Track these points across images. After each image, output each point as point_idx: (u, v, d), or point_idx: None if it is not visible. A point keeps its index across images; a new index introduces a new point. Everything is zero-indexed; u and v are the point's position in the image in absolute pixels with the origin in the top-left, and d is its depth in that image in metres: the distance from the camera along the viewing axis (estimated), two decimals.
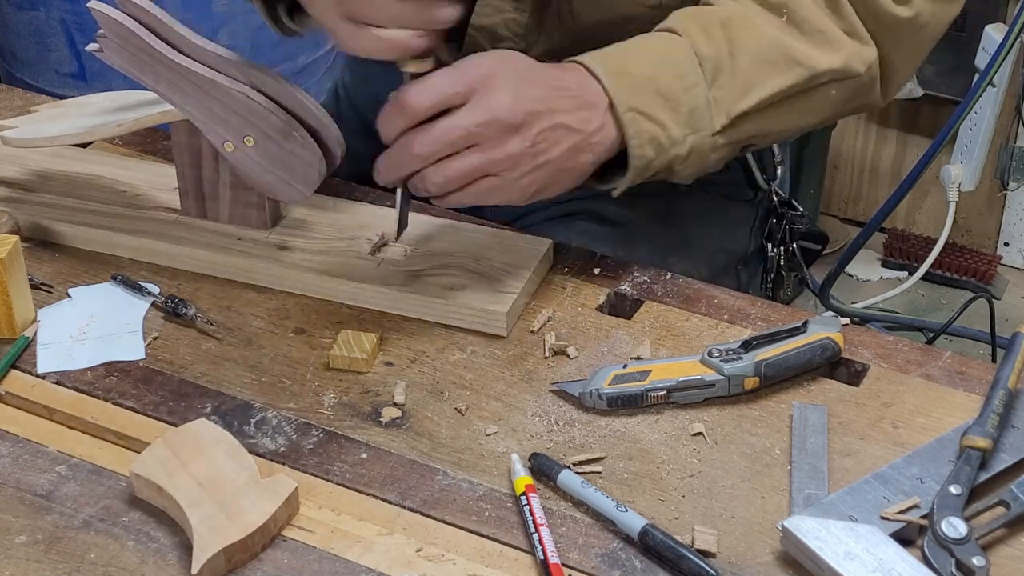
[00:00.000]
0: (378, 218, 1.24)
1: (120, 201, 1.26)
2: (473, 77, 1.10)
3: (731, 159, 1.23)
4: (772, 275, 1.46)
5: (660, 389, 1.05)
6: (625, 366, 1.07)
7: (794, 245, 1.45)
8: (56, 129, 1.24)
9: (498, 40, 1.32)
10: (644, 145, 1.13)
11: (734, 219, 1.37)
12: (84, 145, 1.34)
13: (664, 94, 1.14)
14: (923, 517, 0.94)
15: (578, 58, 1.16)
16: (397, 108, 1.11)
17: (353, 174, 1.30)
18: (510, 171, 1.11)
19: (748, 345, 1.07)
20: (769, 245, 1.45)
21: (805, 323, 1.10)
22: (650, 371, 1.06)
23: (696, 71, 1.15)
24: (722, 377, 1.05)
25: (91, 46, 1.17)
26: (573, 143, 1.12)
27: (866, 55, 1.20)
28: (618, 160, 1.15)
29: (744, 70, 1.16)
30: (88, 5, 1.14)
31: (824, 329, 1.09)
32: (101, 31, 1.15)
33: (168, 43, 1.15)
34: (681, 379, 1.05)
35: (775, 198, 1.44)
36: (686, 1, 1.23)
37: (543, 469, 0.99)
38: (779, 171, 1.43)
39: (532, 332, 1.14)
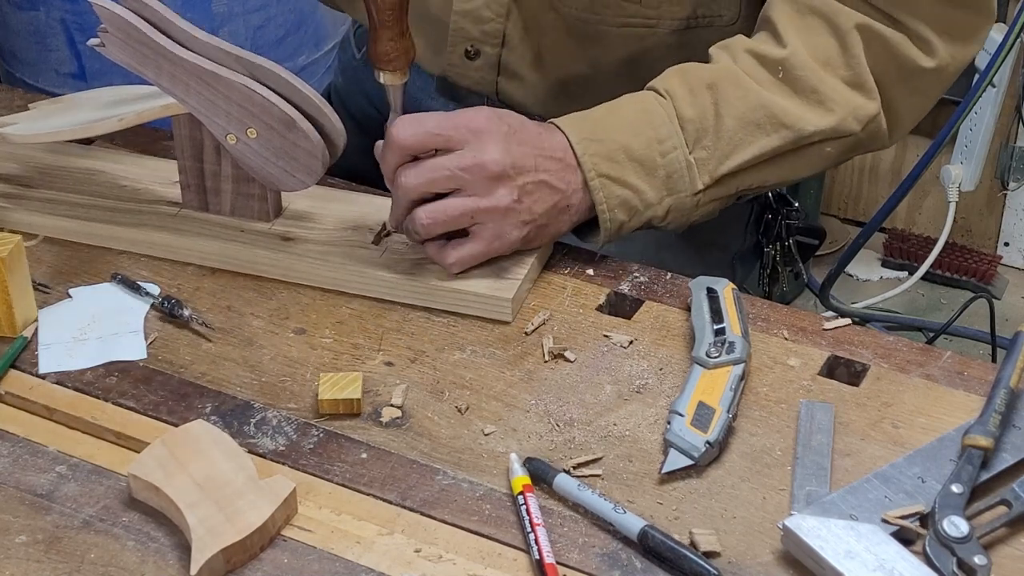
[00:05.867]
0: (378, 208, 1.24)
1: (122, 196, 1.26)
2: (463, 125, 1.13)
3: (728, 205, 1.24)
4: (768, 271, 1.46)
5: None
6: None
7: (790, 241, 1.45)
8: (56, 124, 1.24)
9: (483, 22, 1.32)
10: (615, 209, 1.17)
11: (728, 214, 1.38)
12: (88, 141, 1.34)
13: (639, 159, 1.17)
14: (923, 518, 0.94)
15: (556, 121, 1.18)
16: (387, 143, 1.13)
17: (346, 174, 1.31)
18: (498, 222, 1.14)
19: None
20: (765, 241, 1.45)
21: None
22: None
23: (676, 135, 1.18)
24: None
25: (92, 41, 1.18)
26: (555, 201, 1.16)
27: (863, 112, 1.20)
28: (595, 219, 1.19)
29: (728, 132, 1.18)
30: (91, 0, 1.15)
31: None
32: (103, 26, 1.16)
33: (170, 37, 1.16)
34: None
35: (770, 194, 1.44)
36: None
37: (539, 474, 0.99)
38: None
39: (528, 333, 1.13)
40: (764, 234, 1.45)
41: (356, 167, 1.29)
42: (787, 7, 1.20)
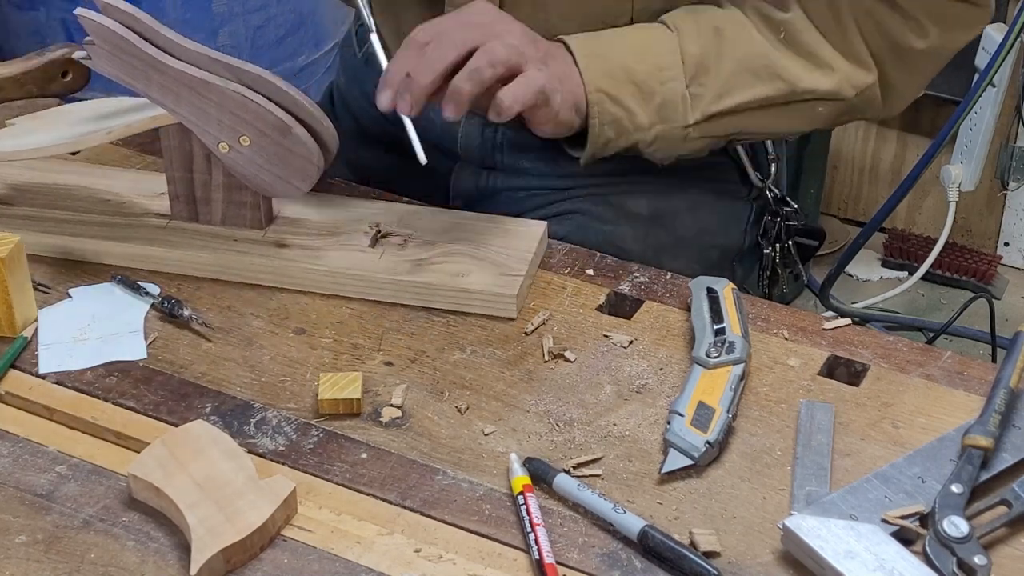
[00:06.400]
0: (370, 211, 1.24)
1: (106, 210, 1.24)
2: (478, 25, 1.14)
3: (717, 148, 1.29)
4: (768, 272, 1.47)
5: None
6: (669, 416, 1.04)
7: (790, 242, 1.46)
8: (42, 140, 1.21)
9: None
10: (605, 125, 1.20)
11: (727, 215, 1.38)
12: (74, 154, 1.33)
13: (638, 83, 1.20)
14: (923, 518, 0.94)
15: (565, 38, 1.21)
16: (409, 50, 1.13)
17: (350, 174, 1.31)
18: (526, 59, 1.14)
19: None
20: (764, 243, 1.46)
21: None
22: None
23: (677, 66, 1.21)
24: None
25: (78, 54, 1.17)
26: (562, 70, 1.18)
27: (859, 80, 1.24)
28: (581, 133, 1.22)
29: (726, 74, 1.22)
30: (76, 12, 1.14)
31: None
32: (89, 38, 1.14)
33: (157, 47, 1.14)
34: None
35: (769, 195, 1.44)
36: (657, 12, 1.25)
37: (539, 474, 0.99)
38: (773, 168, 1.43)
39: (528, 333, 1.13)
40: (763, 235, 1.46)
41: (357, 164, 1.29)
42: None
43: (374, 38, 1.18)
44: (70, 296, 1.17)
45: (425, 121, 1.42)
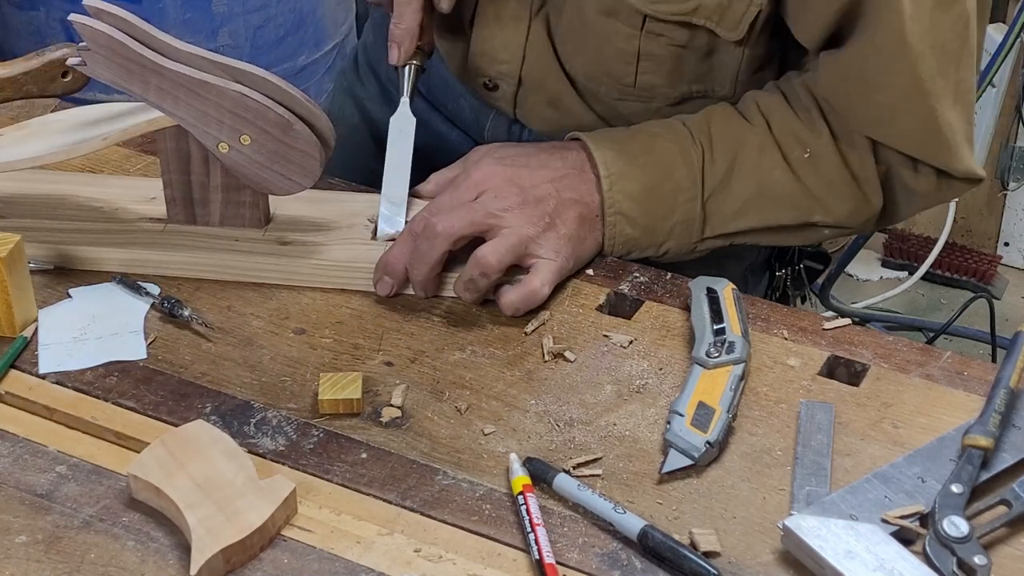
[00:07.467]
0: (366, 204, 1.24)
1: (100, 218, 1.23)
2: (481, 215, 1.15)
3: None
4: (778, 294, 1.49)
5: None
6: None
7: (801, 265, 1.48)
8: (37, 149, 1.20)
9: (498, 63, 1.34)
10: (618, 244, 1.22)
11: None
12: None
13: (657, 204, 1.21)
14: (923, 518, 0.94)
15: (584, 137, 1.22)
16: (433, 238, 1.14)
17: (373, 134, 1.30)
18: (526, 242, 1.15)
19: None
20: (778, 265, 1.48)
21: None
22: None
23: (696, 187, 1.22)
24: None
25: (72, 60, 1.16)
26: (575, 212, 1.19)
27: (867, 212, 1.27)
28: None
29: (743, 197, 1.23)
30: (71, 18, 1.13)
31: None
32: (84, 44, 1.14)
33: (152, 50, 1.14)
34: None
35: None
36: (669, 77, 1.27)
37: (539, 474, 0.99)
38: None
39: (528, 333, 1.13)
40: (778, 258, 1.48)
41: (381, 131, 1.29)
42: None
43: (404, 100, 1.24)
44: (70, 296, 1.17)
45: (455, 107, 1.43)
